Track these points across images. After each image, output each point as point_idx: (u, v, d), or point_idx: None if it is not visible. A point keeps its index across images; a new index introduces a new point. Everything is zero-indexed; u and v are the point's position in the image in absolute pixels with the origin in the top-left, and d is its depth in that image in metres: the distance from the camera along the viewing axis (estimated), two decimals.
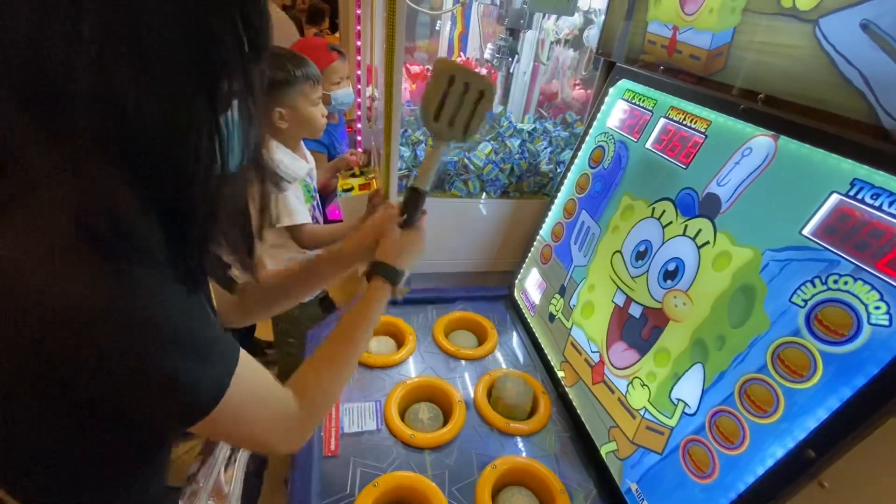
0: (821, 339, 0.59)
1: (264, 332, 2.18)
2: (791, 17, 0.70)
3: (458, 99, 0.66)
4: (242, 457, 0.74)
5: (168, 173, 0.42)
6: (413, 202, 0.73)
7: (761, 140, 0.73)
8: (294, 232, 1.29)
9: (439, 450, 0.91)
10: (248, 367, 0.49)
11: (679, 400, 0.77)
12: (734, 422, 0.67)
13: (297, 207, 1.26)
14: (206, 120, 0.42)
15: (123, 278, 0.39)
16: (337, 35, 3.84)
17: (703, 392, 0.73)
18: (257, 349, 2.08)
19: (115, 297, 0.39)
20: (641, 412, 0.83)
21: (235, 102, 0.45)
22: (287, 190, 1.24)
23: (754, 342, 0.67)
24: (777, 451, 0.61)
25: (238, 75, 0.43)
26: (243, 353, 0.49)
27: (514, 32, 1.70)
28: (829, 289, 0.60)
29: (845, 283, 0.58)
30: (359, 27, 1.79)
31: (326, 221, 1.66)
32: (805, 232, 0.64)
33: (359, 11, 1.77)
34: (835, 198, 0.62)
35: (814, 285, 0.61)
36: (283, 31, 2.49)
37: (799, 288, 0.63)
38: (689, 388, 0.75)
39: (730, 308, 0.72)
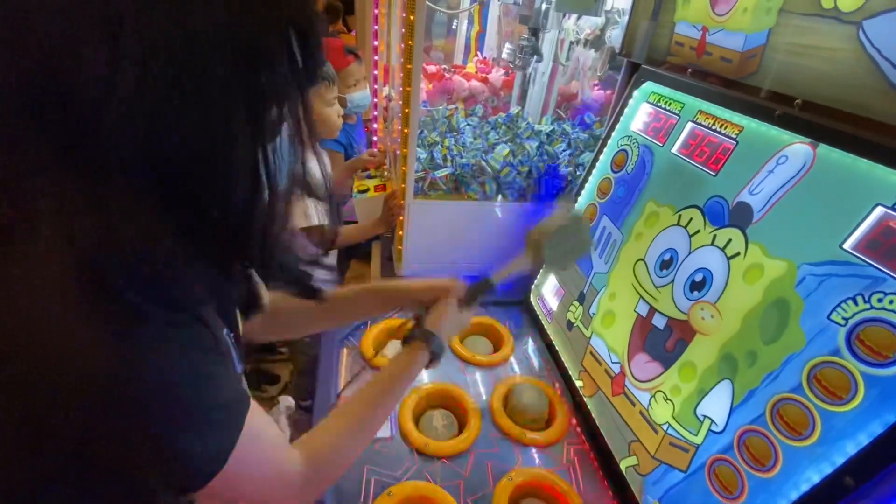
0: (863, 360, 0.56)
1: None
2: (832, 18, 0.67)
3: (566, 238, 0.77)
4: None
5: (209, 207, 0.39)
6: (483, 290, 0.75)
7: (798, 148, 0.70)
8: (308, 234, 1.29)
9: (454, 459, 0.89)
10: (255, 427, 0.46)
11: (705, 416, 0.74)
12: (765, 443, 0.64)
13: (313, 207, 1.25)
14: (254, 148, 0.39)
15: (132, 341, 0.36)
16: (353, 34, 3.84)
17: (732, 410, 0.70)
18: (271, 347, 2.09)
19: (122, 365, 0.36)
20: (664, 427, 0.80)
21: (285, 126, 0.42)
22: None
23: (788, 360, 0.64)
24: (812, 477, 0.58)
25: (291, 98, 0.40)
26: (252, 409, 0.46)
27: (535, 32, 1.67)
28: (872, 307, 0.57)
29: (891, 301, 0.55)
30: (376, 27, 1.77)
31: (342, 222, 1.65)
32: (846, 246, 0.61)
33: (377, 11, 1.76)
34: (880, 211, 0.58)
35: (856, 303, 0.58)
36: None
37: (839, 305, 0.60)
38: (717, 405, 0.72)
39: (762, 323, 0.69)
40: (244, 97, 0.37)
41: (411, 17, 1.05)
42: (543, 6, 1.62)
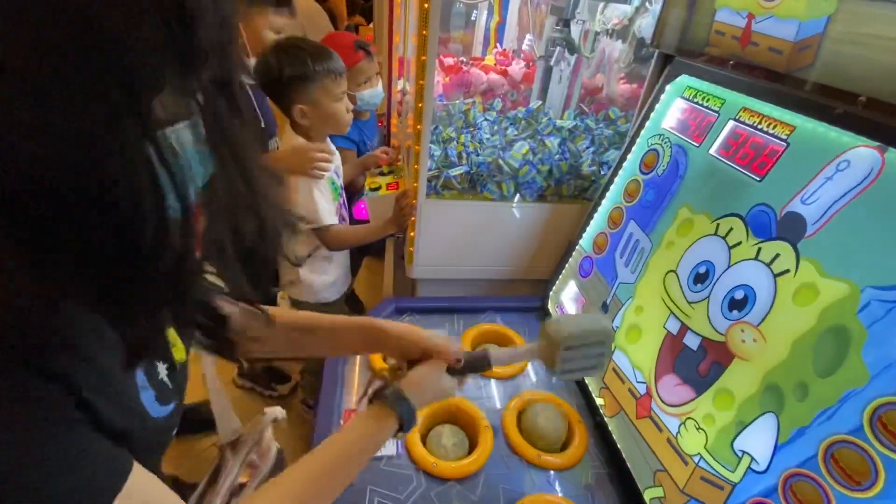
0: None
1: None
2: None
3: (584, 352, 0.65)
4: (250, 486, 0.69)
5: (82, 230, 0.31)
6: (479, 369, 0.69)
7: (862, 152, 0.61)
8: (321, 234, 1.24)
9: (463, 482, 0.84)
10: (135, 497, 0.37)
11: (744, 452, 0.66)
12: (817, 490, 0.56)
13: (323, 207, 1.20)
14: (136, 151, 0.31)
15: None
16: (371, 25, 3.78)
17: (777, 448, 0.62)
18: None
19: None
20: (696, 459, 0.73)
21: (183, 125, 0.34)
22: (315, 190, 1.18)
23: (847, 397, 0.56)
24: None
25: (179, 89, 0.33)
26: (134, 489, 0.37)
27: (567, 23, 1.57)
28: None
29: None
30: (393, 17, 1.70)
31: (353, 221, 1.60)
32: None
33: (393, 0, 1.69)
34: None
35: None
36: (315, 24, 2.43)
37: None
38: (758, 441, 0.64)
39: (816, 352, 0.60)
40: (108, 93, 0.29)
41: (426, 5, 0.99)
42: None
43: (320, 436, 0.87)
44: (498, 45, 2.26)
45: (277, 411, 0.79)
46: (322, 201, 1.19)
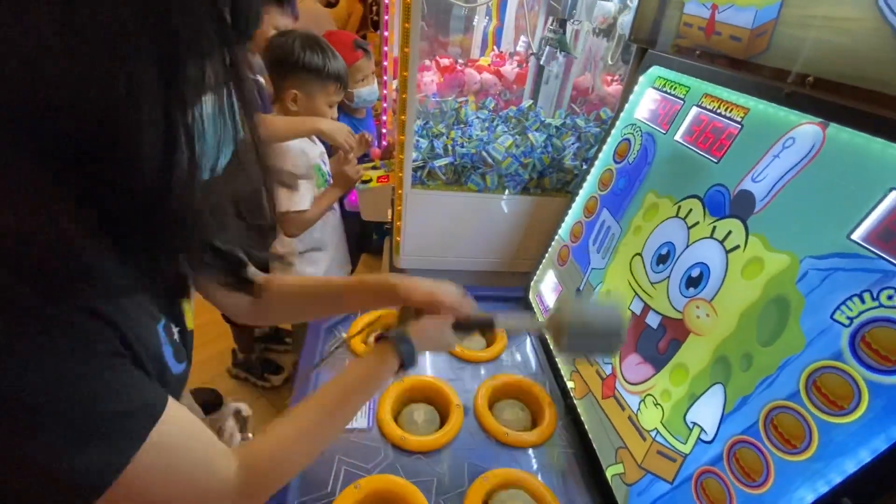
0: (868, 365, 0.49)
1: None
2: None
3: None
4: None
5: (114, 176, 0.35)
6: (483, 327, 0.69)
7: (807, 129, 0.63)
8: (287, 217, 1.26)
9: (430, 455, 0.86)
10: (169, 436, 0.41)
11: (695, 424, 0.67)
12: (757, 455, 0.58)
13: (302, 192, 1.24)
14: (167, 107, 0.34)
15: (22, 337, 0.32)
16: (377, 32, 3.87)
17: (723, 417, 0.63)
18: (279, 337, 2.10)
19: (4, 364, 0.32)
20: (653, 434, 0.74)
21: (210, 93, 0.38)
22: (296, 171, 1.23)
23: (786, 364, 0.57)
24: (806, 496, 0.51)
25: (215, 59, 0.36)
26: (168, 416, 0.41)
27: (563, 24, 1.61)
28: (881, 305, 0.49)
29: None
30: (386, 17, 1.76)
31: (345, 209, 1.64)
32: (855, 236, 0.54)
33: (387, 1, 1.75)
34: (894, 196, 0.51)
35: (862, 301, 0.51)
36: (319, 28, 2.50)
37: (844, 303, 0.53)
38: (707, 412, 0.66)
39: (760, 323, 0.62)
40: (152, 44, 0.32)
41: (407, 1, 1.03)
42: None
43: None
44: (496, 47, 2.31)
45: (242, 406, 0.80)
46: (304, 186, 1.24)
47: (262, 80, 1.36)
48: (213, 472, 0.46)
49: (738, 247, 0.68)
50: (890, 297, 0.49)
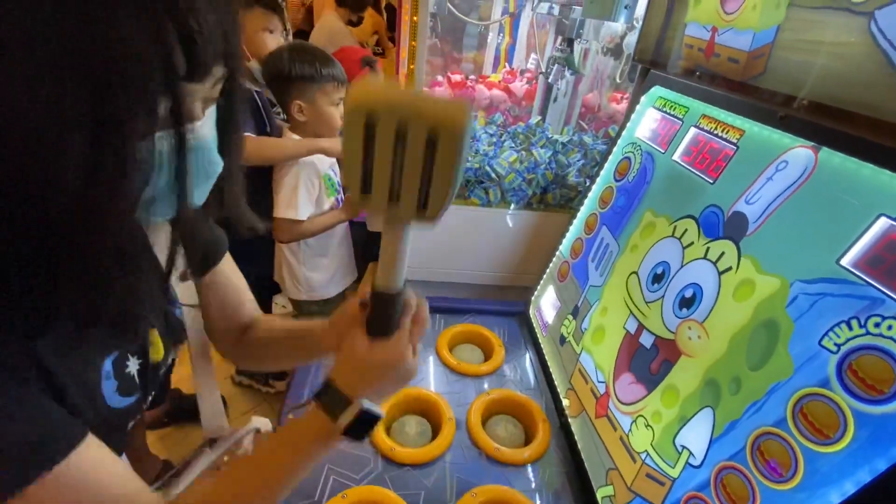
0: (854, 394, 0.48)
1: None
2: (843, 10, 0.60)
3: (392, 152, 0.38)
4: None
5: (37, 205, 0.33)
6: (381, 308, 0.48)
7: (799, 152, 0.63)
8: (283, 223, 1.29)
9: (419, 468, 0.86)
10: (77, 474, 0.39)
11: (684, 447, 0.66)
12: (743, 483, 0.56)
13: (301, 202, 1.27)
14: (99, 143, 0.32)
15: None
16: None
17: (711, 442, 0.62)
18: None
19: None
20: (643, 456, 0.73)
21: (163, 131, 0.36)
22: (301, 183, 1.26)
23: (774, 389, 0.56)
24: None
25: (162, 99, 0.34)
26: (84, 457, 0.39)
27: (571, 43, 1.63)
28: (868, 333, 0.49)
29: (889, 327, 0.47)
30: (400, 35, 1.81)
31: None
32: (844, 262, 0.53)
33: (401, 20, 1.80)
34: (883, 222, 0.50)
35: (850, 327, 0.50)
36: (335, 44, 2.56)
37: (832, 329, 0.52)
38: (696, 436, 0.65)
39: (749, 346, 0.61)
40: (82, 73, 0.31)
41: (415, 19, 1.06)
42: (580, 17, 1.57)
43: (288, 412, 0.91)
44: (507, 64, 2.34)
45: (263, 422, 0.81)
46: (303, 196, 1.27)
47: (258, 88, 1.39)
48: None
49: (730, 268, 0.67)
50: (877, 325, 0.48)
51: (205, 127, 0.42)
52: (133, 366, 0.49)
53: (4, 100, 0.30)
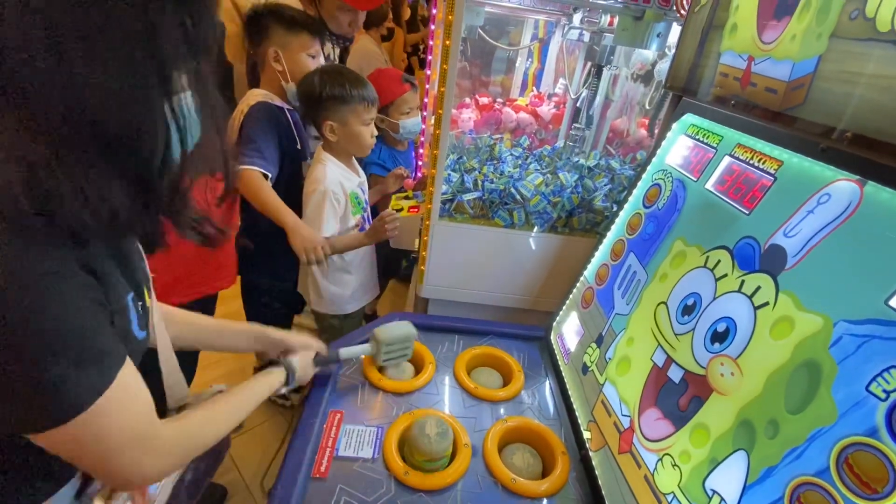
0: None
1: None
2: (889, 42, 0.58)
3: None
4: None
5: (125, 148, 0.45)
6: (330, 362, 0.99)
7: (843, 185, 0.60)
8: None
9: (432, 494, 0.83)
10: (126, 385, 0.50)
11: (714, 492, 0.62)
12: None
13: (326, 220, 1.29)
14: (159, 103, 0.46)
15: (20, 274, 0.41)
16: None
17: (746, 488, 0.58)
18: None
19: (13, 291, 0.41)
20: (669, 498, 0.69)
21: (189, 93, 0.49)
22: (326, 202, 1.28)
23: (815, 435, 0.53)
24: None
25: (188, 66, 0.47)
26: (127, 368, 0.50)
27: (599, 70, 1.64)
28: None
29: None
30: (430, 57, 1.85)
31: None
32: (893, 303, 0.50)
33: (431, 42, 1.84)
34: None
35: None
36: (370, 66, 2.63)
37: (881, 374, 0.49)
38: (728, 480, 0.61)
39: (788, 387, 0.58)
40: (151, 63, 0.43)
41: (447, 42, 1.08)
42: (611, 43, 1.58)
43: (303, 428, 0.90)
44: (535, 88, 2.36)
45: (222, 386, 0.84)
46: (329, 215, 1.29)
47: (292, 107, 1.44)
48: (153, 422, 0.55)
49: (767, 303, 0.64)
50: None
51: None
52: (139, 306, 0.59)
53: (100, 92, 0.42)
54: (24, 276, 0.41)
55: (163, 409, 0.72)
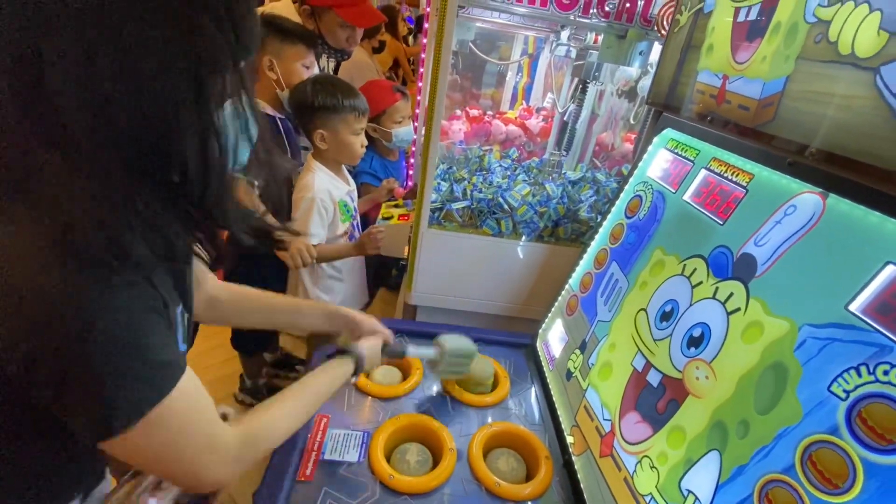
0: (863, 442, 0.47)
1: (300, 349, 2.24)
2: (849, 65, 0.62)
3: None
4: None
5: (167, 167, 0.45)
6: (396, 355, 0.95)
7: (807, 198, 0.64)
8: None
9: (416, 498, 0.84)
10: (187, 395, 0.50)
11: (689, 492, 0.64)
12: None
13: (313, 227, 1.31)
14: (201, 116, 0.44)
15: (85, 288, 0.42)
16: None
17: (718, 487, 0.61)
18: (290, 364, 2.13)
19: (70, 300, 0.41)
20: (647, 499, 0.71)
21: (228, 100, 0.48)
22: (314, 210, 1.30)
23: (782, 434, 0.55)
24: None
25: (229, 72, 0.46)
26: (188, 378, 0.51)
27: (585, 85, 1.69)
28: (877, 380, 0.48)
29: None
30: (422, 69, 1.89)
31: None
32: (852, 308, 0.53)
33: (423, 55, 1.88)
34: (890, 270, 0.51)
35: (859, 374, 0.50)
36: (362, 76, 2.68)
37: (840, 375, 0.51)
38: (702, 480, 0.63)
39: (757, 389, 0.60)
40: (184, 71, 0.42)
41: (437, 57, 1.12)
42: (597, 60, 1.63)
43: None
44: (525, 101, 2.41)
45: (226, 409, 0.83)
46: (316, 222, 1.31)
47: (283, 115, 1.46)
48: (217, 432, 0.55)
49: (738, 309, 0.67)
50: (886, 373, 0.47)
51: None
52: (185, 319, 0.59)
53: (138, 106, 0.41)
54: (92, 285, 0.43)
55: None
